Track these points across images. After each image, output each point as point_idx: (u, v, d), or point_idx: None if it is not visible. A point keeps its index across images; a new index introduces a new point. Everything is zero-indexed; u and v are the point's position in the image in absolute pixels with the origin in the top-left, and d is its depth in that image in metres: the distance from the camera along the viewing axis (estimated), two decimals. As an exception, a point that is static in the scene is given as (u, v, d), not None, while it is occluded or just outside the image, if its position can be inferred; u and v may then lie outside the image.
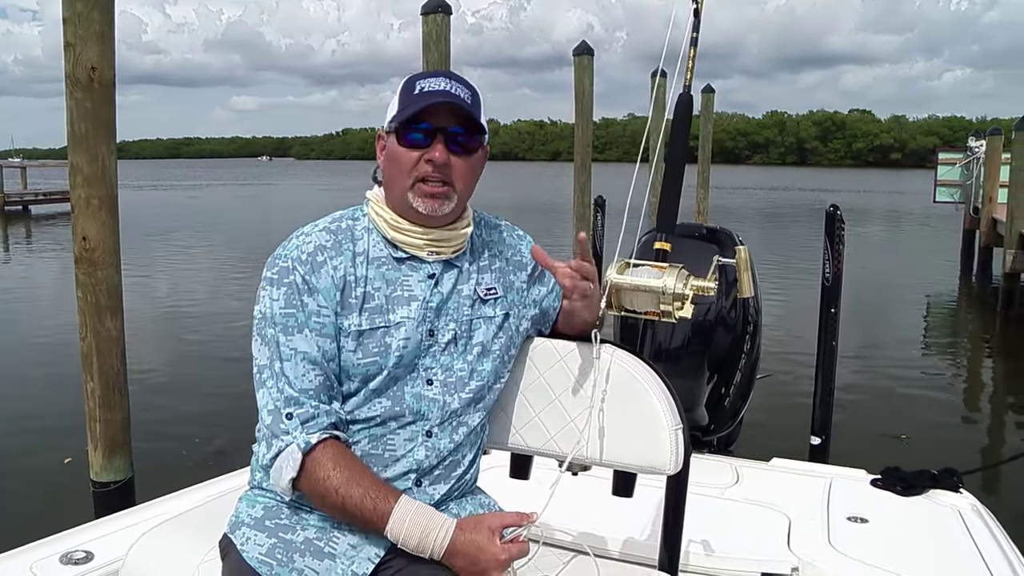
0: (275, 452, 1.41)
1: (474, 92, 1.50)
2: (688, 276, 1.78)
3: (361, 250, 1.50)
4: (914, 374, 8.10)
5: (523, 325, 1.65)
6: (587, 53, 10.35)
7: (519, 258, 1.65)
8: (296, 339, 1.43)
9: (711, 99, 16.97)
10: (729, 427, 3.31)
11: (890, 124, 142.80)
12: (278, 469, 1.40)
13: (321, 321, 1.44)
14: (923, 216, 27.81)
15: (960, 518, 2.38)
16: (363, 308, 1.47)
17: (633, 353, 1.69)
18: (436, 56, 6.54)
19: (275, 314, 1.44)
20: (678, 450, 1.60)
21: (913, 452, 5.61)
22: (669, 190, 1.91)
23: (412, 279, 1.51)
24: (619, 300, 1.78)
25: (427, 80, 1.48)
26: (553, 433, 1.67)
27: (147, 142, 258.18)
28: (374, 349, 1.46)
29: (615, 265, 1.79)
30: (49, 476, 5.04)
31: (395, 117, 1.47)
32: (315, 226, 1.52)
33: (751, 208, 34.70)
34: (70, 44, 3.81)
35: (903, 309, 12.04)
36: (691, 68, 1.95)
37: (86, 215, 3.92)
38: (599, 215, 4.09)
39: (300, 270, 1.45)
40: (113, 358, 4.11)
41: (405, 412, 1.49)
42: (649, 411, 1.61)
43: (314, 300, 1.44)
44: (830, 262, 3.21)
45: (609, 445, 1.63)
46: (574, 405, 1.66)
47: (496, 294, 1.59)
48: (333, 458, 1.40)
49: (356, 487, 1.39)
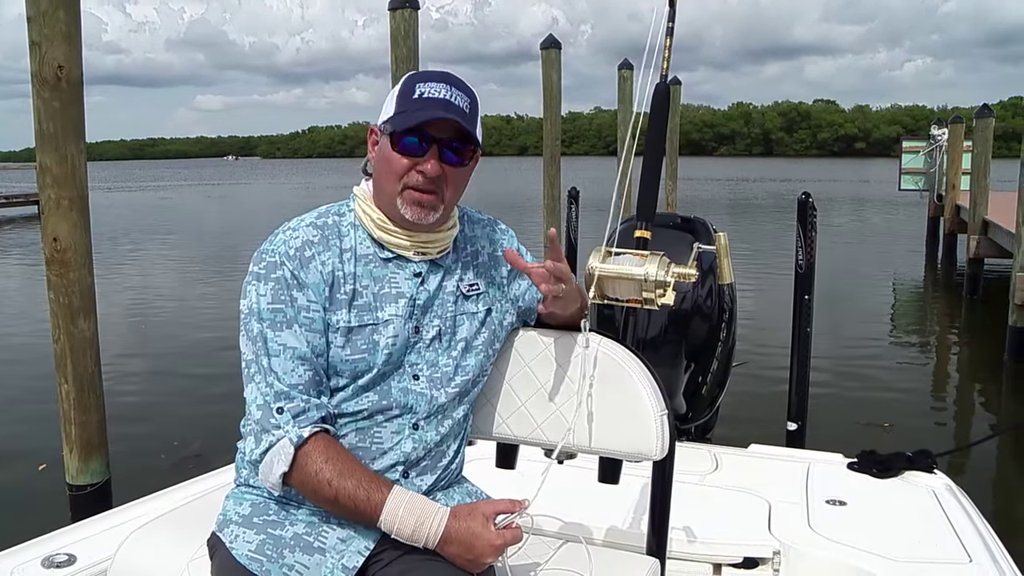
0: (265, 447, 1.41)
1: (473, 99, 1.50)
2: (669, 263, 1.80)
3: (348, 246, 1.50)
4: (885, 360, 8.23)
5: (507, 319, 1.66)
6: (554, 47, 10.34)
7: (501, 253, 1.66)
8: (285, 334, 1.43)
9: (678, 91, 17.06)
10: (707, 415, 3.35)
11: (854, 114, 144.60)
12: (268, 464, 1.40)
13: (311, 316, 1.44)
14: (888, 204, 28.22)
15: (935, 498, 2.44)
16: (352, 305, 1.47)
17: (618, 341, 1.71)
18: (405, 52, 6.49)
19: (263, 309, 1.44)
20: (664, 436, 1.63)
21: (886, 436, 5.72)
22: (648, 179, 1.93)
23: (399, 277, 1.51)
24: (601, 288, 1.79)
25: (427, 85, 1.46)
26: (540, 422, 1.69)
27: (110, 143, 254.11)
28: (363, 346, 1.47)
29: (597, 253, 1.80)
30: (24, 482, 4.97)
31: (391, 120, 1.46)
32: (301, 221, 1.52)
33: (722, 199, 35.04)
34: (35, 43, 3.75)
35: (871, 296, 12.20)
36: (667, 58, 1.97)
37: (56, 216, 3.86)
38: (573, 206, 4.11)
39: (289, 265, 1.45)
40: (87, 359, 4.06)
41: (392, 406, 1.50)
42: (635, 398, 1.63)
43: (303, 295, 1.44)
44: (803, 249, 3.24)
45: (596, 432, 1.65)
46: (560, 393, 1.67)
47: (478, 290, 1.60)
48: (324, 451, 1.40)
49: (349, 479, 1.39)
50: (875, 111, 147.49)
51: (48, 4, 3.72)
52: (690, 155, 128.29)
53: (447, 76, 1.50)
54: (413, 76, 1.50)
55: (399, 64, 6.56)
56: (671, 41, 1.95)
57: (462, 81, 1.50)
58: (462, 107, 1.46)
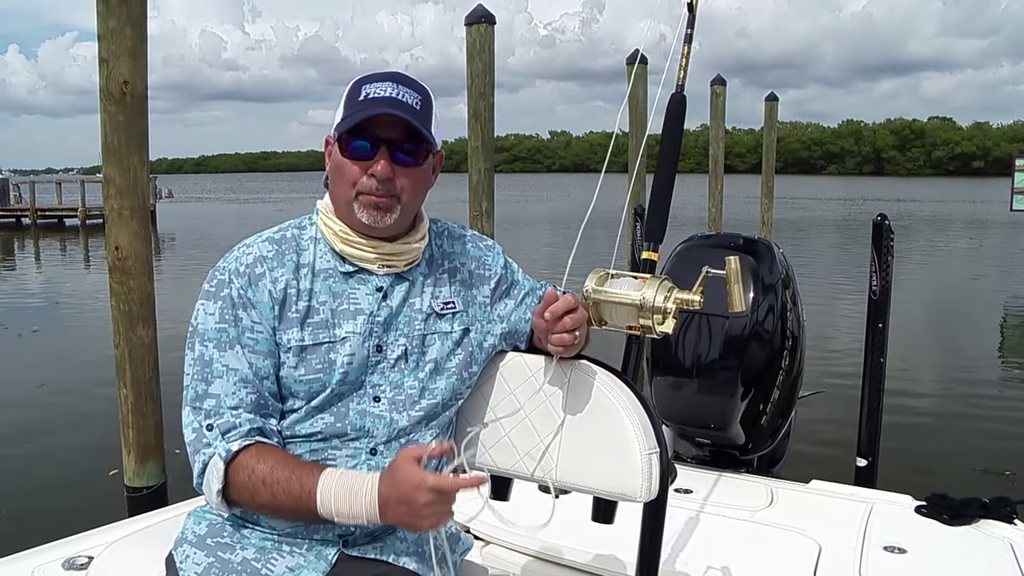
0: (200, 467, 1.36)
1: (424, 96, 1.42)
2: (672, 288, 1.65)
3: (306, 261, 1.44)
4: (983, 393, 7.67)
5: (487, 341, 1.56)
6: (641, 62, 10.24)
7: (483, 271, 1.58)
8: (228, 355, 1.38)
9: (775, 107, 16.57)
10: (769, 446, 3.17)
11: (972, 131, 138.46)
12: (207, 485, 1.35)
13: (254, 337, 1.39)
14: (1001, 224, 26.78)
15: (1011, 551, 2.20)
16: (305, 323, 1.41)
17: (610, 370, 1.58)
18: (480, 66, 6.52)
19: (208, 329, 1.39)
20: (652, 476, 1.49)
21: (969, 479, 5.29)
22: (659, 197, 1.80)
23: (359, 292, 1.44)
24: (598, 313, 1.67)
25: (373, 85, 1.40)
26: (522, 454, 1.58)
27: (226, 156, 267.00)
28: (317, 365, 1.40)
29: (594, 275, 1.68)
30: (90, 482, 5.14)
31: (339, 125, 1.40)
32: (259, 236, 1.47)
33: (821, 219, 33.83)
34: (104, 59, 3.90)
35: (976, 321, 11.53)
36: (684, 67, 1.84)
37: (118, 225, 4.00)
38: (638, 225, 3.97)
39: (236, 283, 1.40)
40: (145, 365, 4.19)
41: (348, 429, 1.42)
42: (620, 434, 1.50)
43: (248, 315, 1.39)
44: (877, 274, 3.06)
45: (579, 469, 1.53)
46: (544, 425, 1.56)
47: (454, 308, 1.51)
48: (256, 455, 1.34)
49: (281, 471, 1.32)
50: (996, 128, 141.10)
51: (116, 22, 3.88)
52: (797, 173, 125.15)
53: (395, 75, 1.43)
54: (360, 78, 1.44)
55: (474, 78, 6.59)
56: (689, 48, 1.82)
57: (412, 79, 1.43)
58: (411, 104, 1.39)
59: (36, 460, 5.69)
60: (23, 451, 5.86)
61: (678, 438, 3.15)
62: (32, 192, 32.35)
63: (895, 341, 3.09)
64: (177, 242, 25.63)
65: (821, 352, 7.96)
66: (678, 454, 3.19)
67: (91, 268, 18.40)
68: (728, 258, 1.70)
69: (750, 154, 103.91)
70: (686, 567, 2.11)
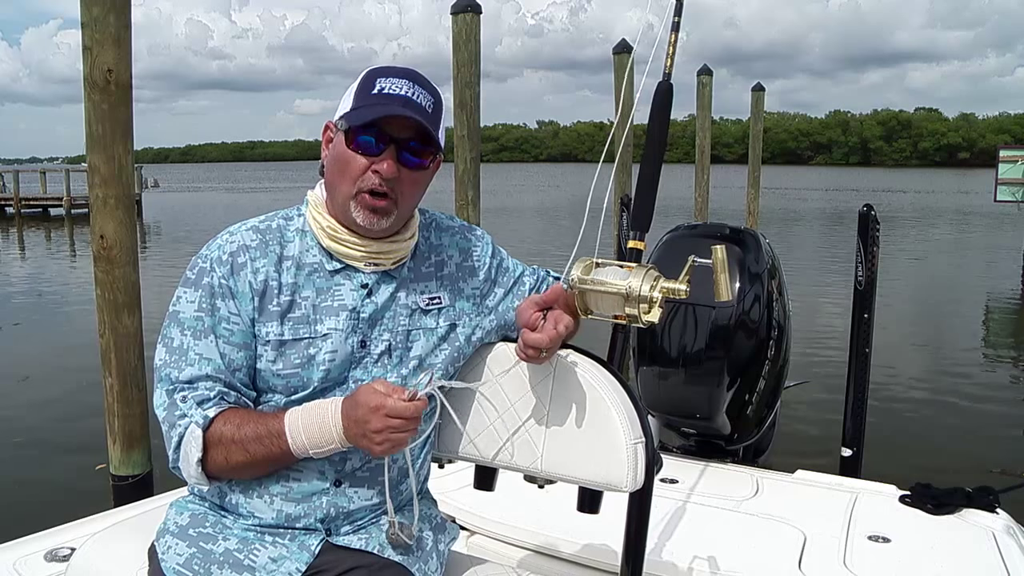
0: (176, 440, 1.35)
1: (437, 99, 1.42)
2: (658, 277, 1.65)
3: (289, 254, 1.43)
4: (968, 383, 7.72)
5: (475, 335, 1.56)
6: (626, 52, 10.24)
7: (471, 263, 1.57)
8: (202, 344, 1.37)
9: (761, 98, 16.58)
10: (754, 436, 3.19)
11: (958, 122, 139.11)
12: (185, 457, 1.35)
13: (230, 328, 1.38)
14: (984, 215, 26.96)
15: (993, 539, 2.24)
16: (286, 317, 1.40)
17: (596, 359, 1.58)
18: (466, 55, 6.48)
19: (187, 317, 1.38)
20: (637, 466, 1.49)
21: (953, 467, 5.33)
22: (645, 186, 1.80)
23: (344, 288, 1.43)
24: (584, 302, 1.67)
25: (388, 80, 1.38)
26: (506, 444, 1.59)
27: (212, 145, 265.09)
28: (295, 360, 1.39)
29: (581, 264, 1.68)
30: (76, 472, 5.12)
31: (348, 115, 1.38)
32: (244, 224, 1.46)
33: (807, 210, 33.93)
34: (88, 48, 3.88)
35: (960, 312, 11.59)
36: (671, 55, 1.83)
37: (103, 214, 3.98)
38: (625, 214, 3.97)
39: (218, 271, 1.39)
40: (130, 354, 4.17)
41: None
42: (606, 423, 1.51)
43: (226, 305, 1.38)
44: (863, 265, 3.07)
45: (564, 459, 1.54)
46: (528, 414, 1.57)
47: (440, 304, 1.51)
48: (222, 419, 1.34)
49: (248, 425, 1.33)
50: (981, 119, 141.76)
51: (100, 10, 3.84)
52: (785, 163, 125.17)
53: (410, 72, 1.41)
54: (374, 71, 1.42)
55: (460, 67, 6.55)
56: (676, 36, 1.82)
57: (426, 79, 1.42)
58: (424, 106, 1.38)
59: (21, 452, 5.65)
60: (7, 442, 5.82)
61: (664, 428, 3.16)
62: (16, 181, 31.99)
63: (880, 331, 3.10)
64: (163, 232, 25.46)
65: (807, 342, 7.99)
66: (664, 444, 3.21)
67: (76, 257, 18.26)
68: (714, 247, 1.70)
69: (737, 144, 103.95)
70: (672, 556, 2.12)
